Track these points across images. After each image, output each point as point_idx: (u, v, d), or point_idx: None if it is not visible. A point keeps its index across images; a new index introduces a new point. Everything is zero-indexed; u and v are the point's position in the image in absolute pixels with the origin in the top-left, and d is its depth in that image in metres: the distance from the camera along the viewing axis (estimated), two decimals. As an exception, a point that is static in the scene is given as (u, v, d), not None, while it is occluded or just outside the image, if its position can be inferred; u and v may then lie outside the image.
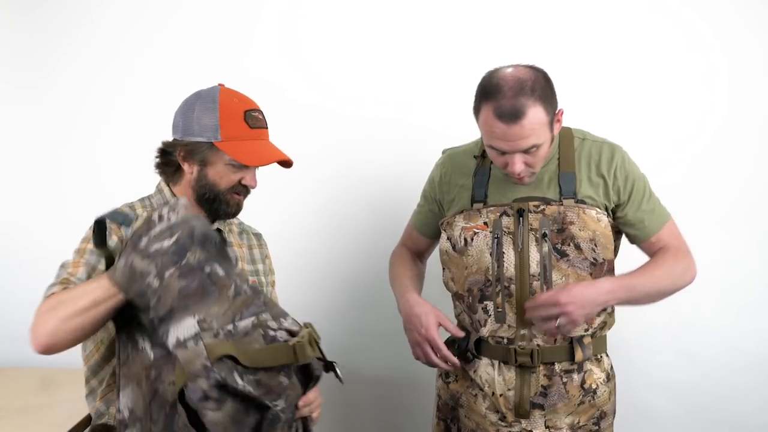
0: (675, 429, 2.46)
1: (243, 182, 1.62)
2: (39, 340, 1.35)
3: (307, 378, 1.34)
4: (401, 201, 2.22)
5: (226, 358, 1.21)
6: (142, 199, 1.72)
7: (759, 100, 2.37)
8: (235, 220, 1.83)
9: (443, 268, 1.88)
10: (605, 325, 1.82)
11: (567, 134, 1.80)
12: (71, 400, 1.90)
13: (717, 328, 2.42)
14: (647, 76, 2.38)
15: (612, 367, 1.87)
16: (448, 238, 1.83)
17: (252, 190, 1.68)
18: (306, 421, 1.44)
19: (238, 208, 1.66)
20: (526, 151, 1.63)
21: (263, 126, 1.62)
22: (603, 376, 1.83)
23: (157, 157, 1.67)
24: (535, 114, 1.58)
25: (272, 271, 1.87)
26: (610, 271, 1.80)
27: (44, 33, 2.38)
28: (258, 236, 1.85)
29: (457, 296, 1.85)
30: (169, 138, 1.65)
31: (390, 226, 2.18)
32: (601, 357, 1.83)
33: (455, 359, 1.75)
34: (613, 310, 1.84)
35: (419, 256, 2.04)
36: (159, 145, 1.66)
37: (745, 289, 2.42)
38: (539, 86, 1.60)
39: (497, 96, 1.59)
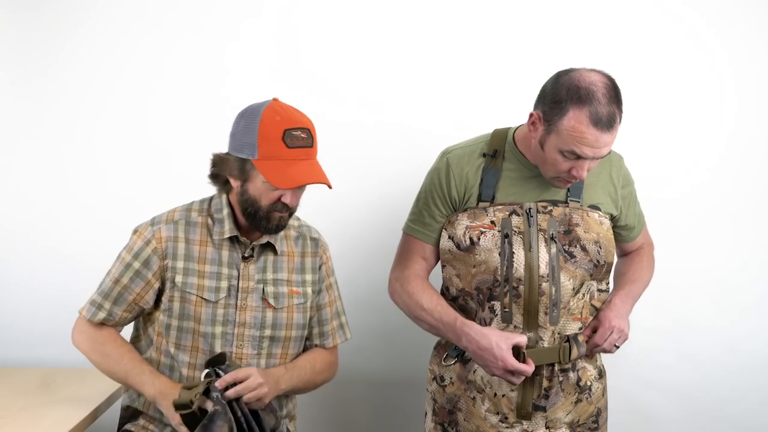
0: (675, 429, 2.46)
1: (282, 200, 1.63)
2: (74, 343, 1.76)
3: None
4: (401, 200, 2.21)
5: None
6: (202, 201, 1.76)
7: (763, 105, 2.37)
8: (294, 223, 1.84)
9: (443, 266, 1.86)
10: None
11: None
12: (71, 400, 1.90)
13: (717, 328, 2.42)
14: (653, 82, 2.37)
15: (603, 364, 1.91)
16: (450, 237, 1.81)
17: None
18: (257, 414, 1.61)
19: (280, 223, 1.67)
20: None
21: (305, 145, 1.60)
22: (596, 372, 1.86)
23: (210, 167, 1.70)
24: (619, 122, 1.62)
25: (329, 274, 1.87)
26: (608, 272, 1.84)
27: (42, 32, 2.37)
28: (315, 242, 1.84)
29: (462, 293, 1.83)
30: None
31: (390, 226, 2.18)
32: (593, 354, 1.86)
33: (530, 368, 1.71)
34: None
35: (428, 274, 1.92)
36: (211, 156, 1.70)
37: (745, 290, 2.42)
38: (620, 93, 1.63)
39: (592, 101, 1.58)
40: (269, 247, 1.74)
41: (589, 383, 1.83)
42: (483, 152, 1.81)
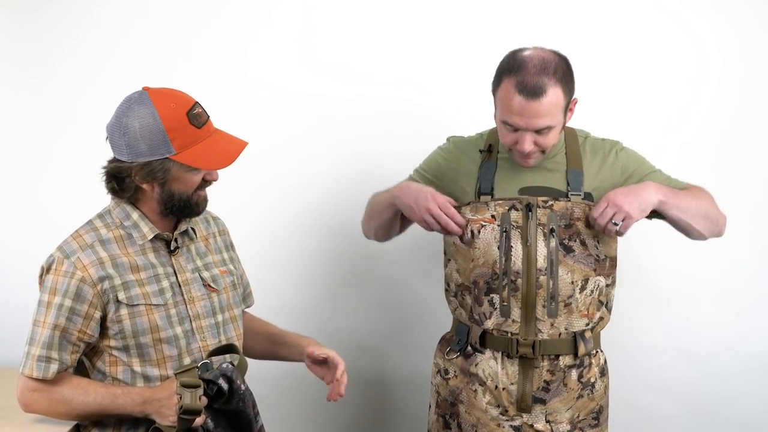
0: (674, 428, 2.46)
1: (207, 178, 1.62)
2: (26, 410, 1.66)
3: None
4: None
5: None
6: (101, 216, 1.68)
7: (761, 101, 2.38)
8: None
9: (447, 260, 1.90)
10: (602, 320, 1.86)
11: (571, 133, 1.86)
12: (71, 399, 1.90)
13: (717, 327, 2.43)
14: (648, 76, 2.39)
15: (606, 361, 1.92)
16: None
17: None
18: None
19: (205, 201, 1.67)
20: (538, 132, 1.67)
21: (207, 118, 1.60)
22: (598, 370, 1.87)
23: (108, 182, 1.62)
24: (554, 94, 1.63)
25: (235, 248, 1.87)
26: (613, 267, 1.84)
27: (44, 32, 2.38)
28: (217, 220, 1.83)
29: (462, 287, 1.86)
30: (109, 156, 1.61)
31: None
32: (596, 352, 1.88)
33: (461, 218, 1.78)
34: (610, 309, 1.88)
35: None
36: (104, 168, 1.61)
37: (744, 288, 2.42)
38: (561, 69, 1.65)
39: (520, 71, 1.63)
40: (186, 234, 1.71)
41: (593, 380, 1.85)
42: (479, 148, 1.87)
